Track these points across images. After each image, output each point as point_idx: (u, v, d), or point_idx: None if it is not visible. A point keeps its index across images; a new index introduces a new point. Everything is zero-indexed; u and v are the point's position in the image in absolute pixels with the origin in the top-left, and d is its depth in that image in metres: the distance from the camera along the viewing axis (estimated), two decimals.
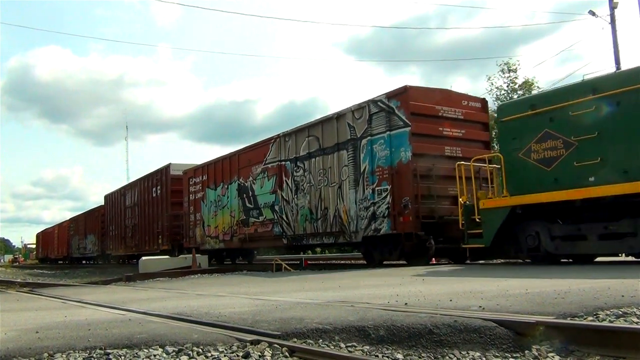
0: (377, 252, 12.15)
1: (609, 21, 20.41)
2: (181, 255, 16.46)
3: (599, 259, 9.05)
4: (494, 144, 15.29)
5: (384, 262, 12.13)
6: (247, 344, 3.22)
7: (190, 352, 3.09)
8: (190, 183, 19.88)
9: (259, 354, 3.04)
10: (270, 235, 15.28)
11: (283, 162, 14.76)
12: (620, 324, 3.22)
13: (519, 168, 9.12)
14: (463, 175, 10.11)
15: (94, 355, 3.06)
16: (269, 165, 15.39)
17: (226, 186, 17.53)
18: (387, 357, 3.07)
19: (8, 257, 79.26)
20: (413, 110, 11.04)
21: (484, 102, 12.84)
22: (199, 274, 12.40)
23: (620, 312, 3.45)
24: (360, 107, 12.20)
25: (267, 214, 15.38)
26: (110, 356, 3.03)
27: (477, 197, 9.82)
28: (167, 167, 21.65)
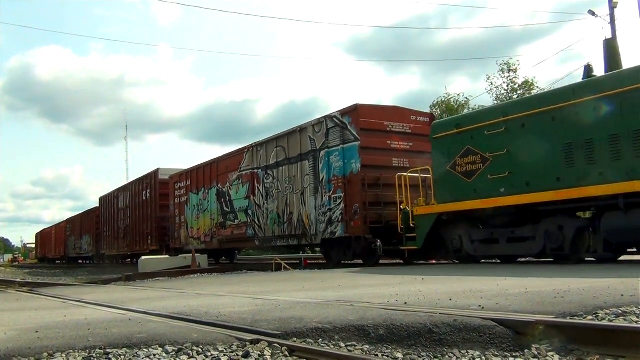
0: (334, 253, 13.37)
1: (609, 21, 20.41)
2: (181, 255, 16.52)
3: (597, 259, 9.05)
4: None
5: (342, 262, 13.22)
6: (247, 343, 3.22)
7: (190, 352, 3.09)
8: (176, 187, 21.24)
9: (259, 353, 3.04)
10: (244, 237, 16.59)
11: (255, 170, 16.13)
12: (619, 323, 3.22)
13: (446, 179, 10.36)
14: (403, 185, 11.35)
15: (94, 354, 3.06)
16: (244, 173, 16.75)
17: (207, 191, 18.91)
18: (387, 356, 3.07)
19: (8, 257, 79.20)
20: (362, 126, 12.33)
21: (431, 117, 14.16)
22: (198, 274, 12.42)
23: (620, 312, 3.45)
24: (319, 122, 13.54)
25: (242, 217, 16.76)
26: (110, 356, 3.03)
27: (412, 205, 11.12)
28: (155, 172, 22.90)
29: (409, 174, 11.48)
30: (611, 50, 10.03)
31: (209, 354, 3.06)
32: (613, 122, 8.05)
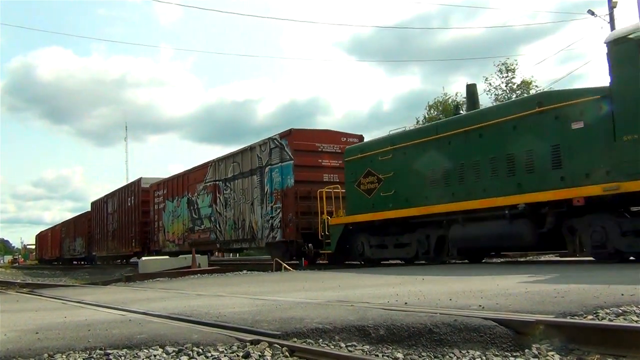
0: (275, 254, 15.13)
1: (608, 21, 20.42)
2: (181, 256, 16.57)
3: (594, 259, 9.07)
4: None
5: (286, 262, 14.97)
6: (247, 343, 3.22)
7: (190, 352, 3.09)
8: (155, 195, 23.60)
9: (259, 353, 3.04)
10: (208, 241, 18.87)
11: (217, 182, 18.44)
12: (620, 322, 3.22)
13: (352, 195, 12.53)
14: (324, 198, 13.41)
15: (94, 355, 3.06)
16: (208, 184, 19.05)
17: (180, 199, 21.27)
18: (387, 356, 3.07)
19: (8, 258, 79.17)
20: (296, 148, 14.61)
21: (361, 137, 15.99)
22: (198, 274, 12.40)
23: (620, 311, 3.45)
24: (264, 143, 15.87)
25: (206, 223, 19.08)
26: (110, 356, 3.03)
27: (327, 215, 13.24)
28: (138, 181, 25.40)
29: (327, 189, 13.59)
30: (471, 93, 12.21)
31: (209, 354, 3.06)
32: (463, 153, 10.19)
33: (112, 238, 28.37)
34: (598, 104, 8.14)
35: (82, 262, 37.09)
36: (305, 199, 14.18)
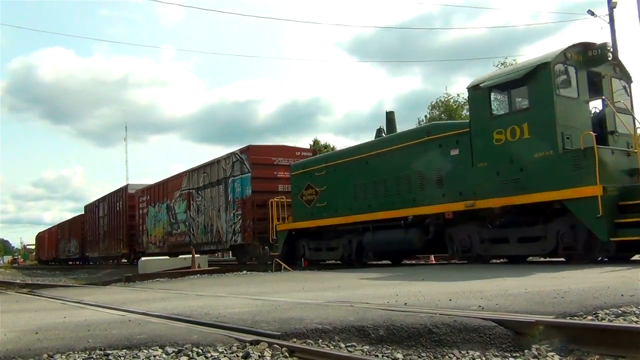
0: (238, 255, 17.91)
1: (608, 21, 20.42)
2: (181, 256, 16.59)
3: (599, 259, 9.07)
4: None
5: (248, 262, 17.18)
6: (247, 344, 3.22)
7: (190, 353, 3.08)
8: (140, 201, 25.50)
9: (259, 354, 3.04)
10: (183, 243, 20.62)
11: (191, 190, 20.45)
12: (619, 323, 3.22)
13: (297, 205, 14.35)
14: (274, 206, 15.01)
15: (94, 356, 3.06)
16: (183, 192, 21.05)
17: (160, 205, 23.24)
18: (387, 356, 3.07)
19: (7, 258, 79.11)
20: (253, 162, 16.57)
21: (314, 151, 18.86)
22: (198, 275, 12.39)
23: (620, 311, 3.45)
24: (228, 156, 17.88)
25: (182, 227, 21.06)
26: (110, 357, 3.03)
27: (277, 222, 14.92)
28: (126, 187, 27.48)
29: (276, 199, 15.17)
30: (390, 119, 13.73)
31: (209, 354, 3.06)
32: (376, 172, 11.97)
33: (103, 240, 30.26)
34: (467, 136, 9.91)
35: (77, 263, 38.86)
36: (261, 207, 15.87)
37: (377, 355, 3.09)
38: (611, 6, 20.37)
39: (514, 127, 9.05)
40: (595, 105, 9.59)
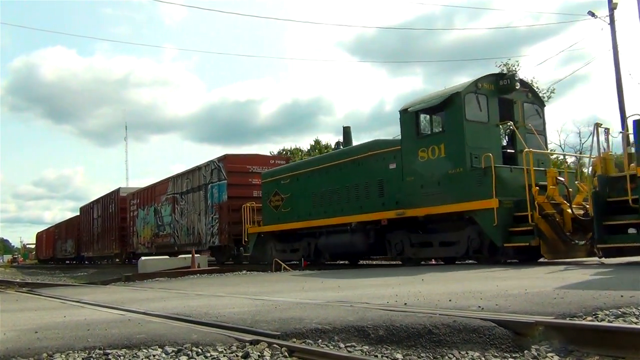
0: (217, 256, 19.11)
1: (609, 22, 20.43)
2: (180, 256, 16.64)
3: (603, 260, 9.07)
4: None
5: (225, 262, 18.19)
6: (247, 344, 3.22)
7: (189, 352, 3.09)
8: (130, 204, 26.95)
9: (258, 354, 3.04)
10: (169, 244, 22.11)
11: (175, 195, 21.91)
12: (619, 324, 3.22)
13: (266, 210, 15.67)
14: (248, 211, 16.19)
15: (93, 355, 3.06)
16: (169, 196, 22.45)
17: (148, 208, 24.60)
18: (387, 357, 3.07)
19: (7, 257, 79.11)
20: (229, 170, 17.90)
21: (287, 159, 19.93)
22: (198, 274, 12.39)
23: (620, 312, 3.45)
24: (207, 164, 19.24)
25: (168, 229, 22.50)
26: (110, 356, 3.03)
27: (249, 225, 16.13)
28: (117, 190, 28.97)
29: (248, 204, 16.30)
30: (346, 133, 15.45)
31: (209, 354, 3.06)
32: (331, 182, 13.30)
33: (97, 240, 31.70)
34: (400, 152, 11.25)
35: (74, 262, 40.06)
36: (236, 211, 16.89)
37: (376, 356, 3.09)
38: (612, 7, 20.37)
39: (434, 146, 10.49)
40: (511, 127, 10.80)
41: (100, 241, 30.92)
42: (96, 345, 3.21)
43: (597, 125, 8.85)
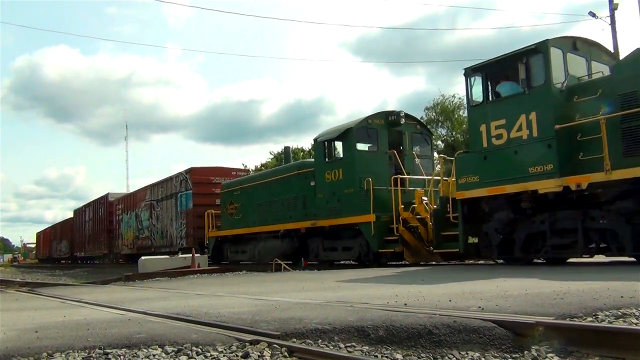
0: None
1: (609, 22, 20.43)
2: (181, 255, 16.66)
3: (603, 259, 9.06)
4: None
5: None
6: (247, 344, 3.22)
7: (189, 352, 3.09)
8: (116, 208, 29.51)
9: (258, 354, 3.04)
10: (147, 246, 24.39)
11: (152, 202, 24.27)
12: (619, 324, 3.22)
13: (224, 217, 17.99)
14: (210, 217, 18.46)
15: (93, 354, 3.06)
16: (147, 203, 24.84)
17: (131, 213, 26.97)
18: (387, 357, 3.07)
19: (7, 257, 79.11)
20: (194, 181, 20.42)
21: (247, 171, 22.40)
22: (198, 274, 12.40)
23: (620, 313, 3.45)
24: (177, 176, 21.77)
25: (146, 232, 24.89)
26: (110, 356, 3.03)
27: (208, 230, 18.41)
28: (106, 195, 31.36)
29: (209, 212, 18.45)
30: (286, 153, 18.21)
31: (209, 354, 3.06)
32: (269, 194, 15.51)
33: (88, 241, 34.14)
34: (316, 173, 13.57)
35: (68, 262, 41.55)
36: (200, 217, 19.13)
37: (376, 356, 3.08)
38: (612, 7, 20.37)
39: (335, 170, 12.92)
40: (392, 155, 12.91)
41: (91, 242, 33.41)
42: (96, 345, 3.21)
43: (442, 158, 12.28)
